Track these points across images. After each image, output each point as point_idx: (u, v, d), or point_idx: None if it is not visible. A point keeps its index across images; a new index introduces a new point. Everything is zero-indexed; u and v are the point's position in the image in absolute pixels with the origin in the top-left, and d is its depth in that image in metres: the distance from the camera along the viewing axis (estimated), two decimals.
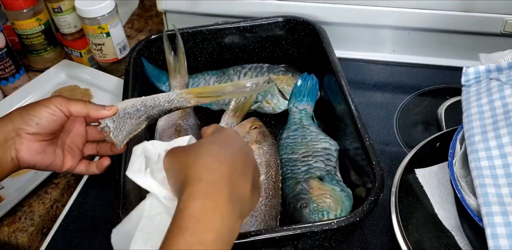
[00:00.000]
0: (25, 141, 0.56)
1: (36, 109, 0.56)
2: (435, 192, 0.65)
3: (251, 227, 0.64)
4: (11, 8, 0.92)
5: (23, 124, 0.56)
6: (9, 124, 0.56)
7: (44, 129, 0.57)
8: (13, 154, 0.56)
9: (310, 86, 0.85)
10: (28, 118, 0.56)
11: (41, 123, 0.56)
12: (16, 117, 0.56)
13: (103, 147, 0.67)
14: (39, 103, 0.57)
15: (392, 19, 0.93)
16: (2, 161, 0.56)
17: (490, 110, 0.60)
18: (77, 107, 0.58)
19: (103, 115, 0.60)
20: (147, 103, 0.64)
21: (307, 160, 0.72)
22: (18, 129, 0.56)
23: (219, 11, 0.98)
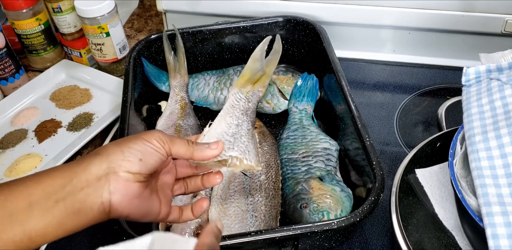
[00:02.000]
0: (123, 180, 0.45)
1: (138, 143, 0.47)
2: (436, 192, 0.65)
3: (251, 227, 0.64)
4: (11, 8, 0.92)
5: (123, 160, 0.45)
6: (103, 160, 0.45)
7: (147, 167, 0.46)
8: (105, 196, 0.44)
9: (310, 86, 0.85)
10: (130, 153, 0.46)
11: (145, 160, 0.46)
12: (113, 152, 0.46)
13: (193, 182, 0.56)
14: (138, 137, 0.47)
15: (393, 19, 0.93)
16: (87, 205, 0.44)
17: (490, 110, 0.60)
18: (180, 150, 0.49)
19: (210, 156, 0.51)
20: (237, 114, 0.61)
21: (307, 160, 0.72)
22: (115, 166, 0.45)
23: (219, 11, 0.98)
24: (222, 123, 0.59)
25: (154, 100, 0.90)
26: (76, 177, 0.44)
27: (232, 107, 0.62)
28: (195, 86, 0.89)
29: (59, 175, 0.44)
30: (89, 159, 0.46)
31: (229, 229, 0.64)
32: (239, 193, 0.67)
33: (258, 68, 0.68)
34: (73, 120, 0.89)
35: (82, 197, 0.44)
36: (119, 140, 0.48)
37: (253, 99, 0.65)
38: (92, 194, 0.44)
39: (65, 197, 0.43)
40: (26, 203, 0.42)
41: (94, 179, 0.44)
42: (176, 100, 0.86)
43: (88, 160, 0.45)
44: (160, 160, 0.48)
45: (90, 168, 0.45)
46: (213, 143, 0.52)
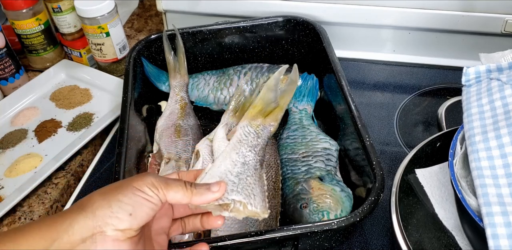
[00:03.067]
0: (111, 240, 0.40)
1: (128, 194, 0.41)
2: (436, 192, 0.65)
3: (251, 227, 0.64)
4: (11, 8, 0.92)
5: (111, 217, 0.40)
6: (89, 217, 0.40)
7: (138, 222, 0.41)
8: None
9: (310, 86, 0.85)
10: (119, 208, 0.40)
11: (136, 214, 0.41)
12: (100, 206, 0.40)
13: (191, 223, 0.52)
14: (128, 186, 0.42)
15: (393, 19, 0.93)
16: None
17: (490, 110, 0.60)
18: (177, 195, 0.44)
19: (210, 200, 0.46)
20: (243, 152, 0.55)
21: (307, 160, 0.72)
22: (102, 224, 0.40)
23: (219, 11, 0.98)
24: (227, 161, 0.53)
25: (154, 100, 0.90)
26: (58, 238, 0.39)
27: (239, 142, 0.57)
28: (195, 86, 0.89)
29: (40, 235, 0.39)
30: (73, 215, 0.40)
31: (229, 229, 0.64)
32: None
33: (272, 99, 0.61)
34: (73, 120, 0.89)
35: None
36: (106, 188, 0.43)
37: (264, 135, 0.59)
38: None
39: None
40: None
41: (79, 240, 0.40)
42: (176, 100, 0.86)
43: (72, 217, 0.40)
44: (153, 211, 0.43)
45: (73, 227, 0.40)
46: (214, 184, 0.47)
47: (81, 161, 0.84)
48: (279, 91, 0.63)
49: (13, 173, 0.80)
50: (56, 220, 0.40)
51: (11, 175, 0.80)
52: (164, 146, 0.78)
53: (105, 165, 0.84)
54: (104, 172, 0.83)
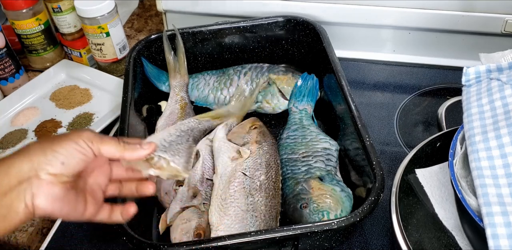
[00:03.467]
0: (45, 183, 0.45)
1: (62, 144, 0.46)
2: (436, 192, 0.65)
3: (251, 227, 0.64)
4: (11, 8, 0.92)
5: (45, 162, 0.45)
6: (25, 161, 0.45)
7: (69, 169, 0.46)
8: (28, 199, 0.44)
9: (310, 86, 0.85)
10: (52, 156, 0.45)
11: (67, 163, 0.46)
12: (36, 154, 0.45)
13: (127, 187, 0.56)
14: (65, 137, 0.47)
15: (393, 19, 0.93)
16: (13, 209, 0.44)
17: (490, 110, 0.60)
18: (110, 149, 0.49)
19: (140, 155, 0.51)
20: (182, 129, 0.63)
21: (307, 160, 0.72)
22: (37, 168, 0.44)
23: (219, 11, 0.98)
24: (165, 132, 0.60)
25: (154, 100, 0.90)
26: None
27: (181, 123, 0.66)
28: (195, 86, 0.89)
29: None
30: (10, 160, 0.45)
31: (229, 229, 0.64)
32: (239, 193, 0.67)
33: (224, 114, 0.78)
34: (73, 120, 0.89)
35: (6, 203, 0.43)
36: (44, 139, 0.48)
37: (205, 123, 0.70)
38: (15, 199, 0.44)
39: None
40: None
41: (16, 182, 0.44)
42: (176, 100, 0.86)
43: (9, 162, 0.45)
44: (83, 162, 0.47)
45: (11, 171, 0.44)
46: (145, 143, 0.52)
47: None
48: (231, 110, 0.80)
49: None
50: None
51: None
52: None
53: None
54: None
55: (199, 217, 0.66)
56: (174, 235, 0.65)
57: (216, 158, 0.72)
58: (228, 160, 0.72)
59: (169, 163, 0.54)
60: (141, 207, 0.70)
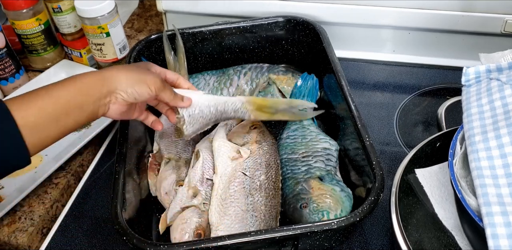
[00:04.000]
0: (118, 104, 0.61)
1: (142, 88, 0.62)
2: (435, 192, 0.65)
3: (251, 227, 0.64)
4: (11, 8, 0.92)
5: (124, 94, 0.61)
6: (112, 86, 0.60)
7: (136, 101, 0.63)
8: (103, 110, 0.61)
9: (310, 86, 0.85)
10: (131, 93, 0.61)
11: (138, 99, 0.62)
12: (121, 85, 0.60)
13: (161, 105, 0.72)
14: (143, 83, 0.62)
15: (392, 19, 0.93)
16: (94, 112, 0.60)
17: (490, 110, 0.60)
18: (165, 96, 0.66)
19: (179, 106, 0.69)
20: (218, 108, 0.72)
21: (307, 160, 0.72)
22: (118, 94, 0.60)
23: (219, 11, 0.98)
24: (205, 100, 0.70)
25: None
26: (91, 94, 0.59)
27: (224, 102, 0.72)
28: (195, 86, 0.89)
29: (76, 90, 0.58)
30: (89, 83, 0.59)
31: (229, 229, 0.64)
32: (239, 193, 0.67)
33: (279, 108, 0.78)
34: None
35: (89, 108, 0.59)
36: (132, 76, 0.62)
37: (239, 114, 0.74)
38: (98, 106, 0.60)
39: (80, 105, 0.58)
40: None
41: (101, 95, 0.59)
42: None
43: (89, 85, 0.59)
44: (147, 98, 0.64)
45: (91, 91, 0.59)
46: (187, 99, 0.69)
47: (81, 161, 0.84)
48: (289, 110, 0.79)
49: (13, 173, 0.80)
50: (90, 83, 0.59)
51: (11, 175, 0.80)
52: (164, 146, 0.78)
53: (105, 165, 0.84)
54: (104, 172, 0.83)
55: (199, 217, 0.66)
56: (174, 235, 0.65)
57: (216, 157, 0.72)
58: (228, 160, 0.72)
59: (184, 123, 0.69)
60: (141, 207, 0.70)
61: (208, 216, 0.67)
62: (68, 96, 0.57)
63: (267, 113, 0.76)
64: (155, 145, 0.80)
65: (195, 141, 0.79)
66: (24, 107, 0.53)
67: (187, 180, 0.71)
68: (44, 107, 0.54)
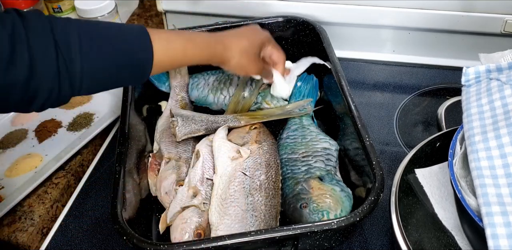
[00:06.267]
0: (234, 62, 0.70)
1: (247, 69, 0.73)
2: (435, 192, 0.65)
3: (251, 227, 0.64)
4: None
5: (233, 67, 0.71)
6: (226, 51, 0.69)
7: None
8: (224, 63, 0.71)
9: (310, 86, 0.85)
10: (238, 68, 0.72)
11: (241, 74, 0.79)
12: (235, 57, 0.70)
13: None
14: (253, 67, 0.73)
15: (392, 19, 0.93)
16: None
17: (490, 110, 0.60)
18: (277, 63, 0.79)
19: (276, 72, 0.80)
20: (209, 119, 0.79)
21: (307, 160, 0.72)
22: (234, 56, 0.70)
23: (219, 11, 0.98)
24: (204, 115, 0.80)
25: (154, 100, 0.90)
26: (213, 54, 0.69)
27: (216, 115, 0.81)
28: (195, 86, 0.89)
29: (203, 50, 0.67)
30: (214, 49, 0.68)
31: (229, 229, 0.64)
32: (239, 193, 0.67)
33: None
34: (73, 120, 0.89)
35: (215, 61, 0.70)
36: (248, 51, 0.71)
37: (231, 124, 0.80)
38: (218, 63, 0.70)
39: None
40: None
41: (222, 61, 0.70)
42: (177, 100, 0.86)
43: (214, 50, 0.68)
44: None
45: (217, 52, 0.68)
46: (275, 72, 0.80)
47: (81, 161, 0.84)
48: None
49: (13, 173, 0.81)
50: (212, 48, 0.68)
51: (11, 175, 0.80)
52: (164, 145, 0.78)
53: (105, 164, 0.84)
54: (104, 172, 0.83)
55: (199, 217, 0.66)
56: (174, 235, 0.65)
57: (216, 157, 0.72)
58: (228, 160, 0.72)
59: (177, 125, 0.76)
60: (141, 207, 0.70)
61: (208, 216, 0.67)
62: (198, 52, 0.66)
63: (260, 119, 0.80)
64: (155, 145, 0.80)
65: (195, 141, 0.79)
66: (163, 40, 0.60)
67: (187, 180, 0.71)
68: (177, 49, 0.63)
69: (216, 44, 0.68)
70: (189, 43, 0.64)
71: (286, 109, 0.81)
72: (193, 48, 0.65)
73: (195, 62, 0.67)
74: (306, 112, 0.81)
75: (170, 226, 0.67)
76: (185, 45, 0.63)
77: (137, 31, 0.59)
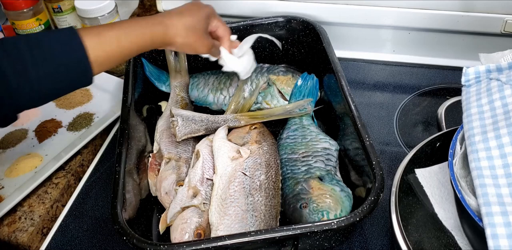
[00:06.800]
0: (178, 44, 0.68)
1: (195, 47, 0.70)
2: (435, 192, 0.65)
3: (251, 227, 0.64)
4: (12, 8, 0.92)
5: (180, 46, 0.68)
6: (163, 31, 0.66)
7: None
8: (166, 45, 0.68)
9: (310, 86, 0.85)
10: (186, 46, 0.69)
11: (190, 52, 0.72)
12: (179, 36, 0.67)
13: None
14: (203, 45, 0.70)
15: (392, 19, 0.93)
16: (159, 46, 0.68)
17: (490, 111, 0.60)
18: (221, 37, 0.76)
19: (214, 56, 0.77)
20: (209, 119, 0.79)
21: (307, 160, 0.73)
22: (175, 37, 0.67)
23: (219, 11, 0.97)
24: (204, 115, 0.80)
25: (154, 100, 0.90)
26: (156, 40, 0.66)
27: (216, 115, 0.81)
28: (195, 86, 0.89)
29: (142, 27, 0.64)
30: (164, 34, 0.66)
31: (229, 229, 0.64)
32: (239, 193, 0.67)
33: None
34: (73, 120, 0.89)
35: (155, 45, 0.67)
36: (192, 25, 0.68)
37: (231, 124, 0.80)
38: (164, 45, 0.68)
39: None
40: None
41: (164, 43, 0.67)
42: (177, 100, 0.86)
43: (150, 30, 0.65)
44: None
45: (164, 38, 0.66)
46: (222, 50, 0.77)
47: (81, 161, 0.84)
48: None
49: (13, 173, 0.81)
50: (151, 30, 0.65)
51: (12, 175, 0.80)
52: (164, 146, 0.78)
53: (105, 164, 0.84)
54: (105, 172, 0.83)
55: (199, 217, 0.66)
56: (174, 235, 0.65)
57: (216, 158, 0.72)
58: (228, 160, 0.72)
59: (177, 125, 0.76)
60: (141, 207, 0.70)
61: (208, 216, 0.67)
62: (134, 39, 0.62)
63: (260, 119, 0.80)
64: (155, 145, 0.80)
65: (195, 141, 0.79)
66: (94, 36, 0.59)
67: (187, 180, 0.71)
68: (112, 38, 0.60)
69: (154, 25, 0.65)
70: (122, 32, 0.61)
71: (286, 109, 0.81)
72: (128, 36, 0.62)
73: (137, 49, 0.64)
74: (306, 112, 0.81)
75: (170, 226, 0.67)
76: (118, 35, 0.61)
77: (66, 33, 0.58)
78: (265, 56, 0.93)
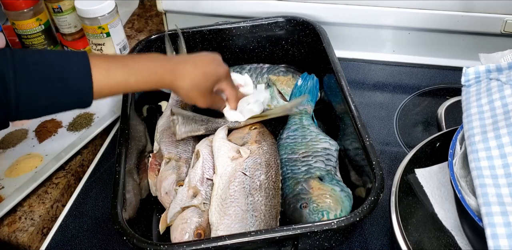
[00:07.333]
0: (184, 91, 0.69)
1: (196, 100, 0.72)
2: (435, 192, 0.65)
3: (251, 227, 0.64)
4: (12, 8, 0.92)
5: (182, 97, 0.71)
6: (170, 78, 0.67)
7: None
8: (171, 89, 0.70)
9: (310, 86, 0.85)
10: (189, 101, 0.73)
11: (201, 102, 0.73)
12: (184, 89, 0.68)
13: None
14: (202, 101, 0.72)
15: (392, 19, 0.93)
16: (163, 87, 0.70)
17: (490, 111, 0.60)
18: (228, 95, 0.77)
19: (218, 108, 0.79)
20: (209, 119, 0.79)
21: (307, 160, 0.73)
22: (177, 86, 0.68)
23: (219, 11, 0.98)
24: (204, 116, 0.80)
25: (154, 100, 0.90)
26: (161, 83, 0.67)
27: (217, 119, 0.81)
28: None
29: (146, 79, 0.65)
30: (158, 75, 0.66)
31: (229, 229, 0.64)
32: (239, 193, 0.67)
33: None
34: (73, 120, 0.89)
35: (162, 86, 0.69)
36: (197, 85, 0.69)
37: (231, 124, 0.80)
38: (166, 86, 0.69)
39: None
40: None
41: (168, 83, 0.67)
42: (177, 100, 0.86)
43: (159, 77, 0.66)
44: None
45: (163, 80, 0.67)
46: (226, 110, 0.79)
47: (82, 161, 0.84)
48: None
49: (13, 173, 0.81)
50: (160, 77, 0.66)
51: (12, 175, 0.80)
52: (164, 146, 0.78)
53: (106, 164, 0.84)
54: (105, 172, 0.83)
55: (199, 217, 0.66)
56: (174, 235, 0.65)
57: (216, 157, 0.72)
58: (228, 160, 0.72)
59: (178, 123, 0.76)
60: (141, 207, 0.70)
61: (208, 216, 0.67)
62: (141, 82, 0.64)
63: (259, 118, 0.80)
64: (155, 145, 0.80)
65: (195, 141, 0.79)
66: (104, 69, 0.60)
67: (187, 180, 0.71)
68: (117, 74, 0.62)
69: (165, 74, 0.66)
70: (132, 73, 0.63)
71: (285, 108, 0.81)
72: (136, 78, 0.63)
73: (141, 89, 0.68)
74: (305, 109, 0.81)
75: (170, 226, 0.67)
76: (127, 76, 0.62)
77: (78, 58, 0.59)
78: (265, 57, 0.93)
